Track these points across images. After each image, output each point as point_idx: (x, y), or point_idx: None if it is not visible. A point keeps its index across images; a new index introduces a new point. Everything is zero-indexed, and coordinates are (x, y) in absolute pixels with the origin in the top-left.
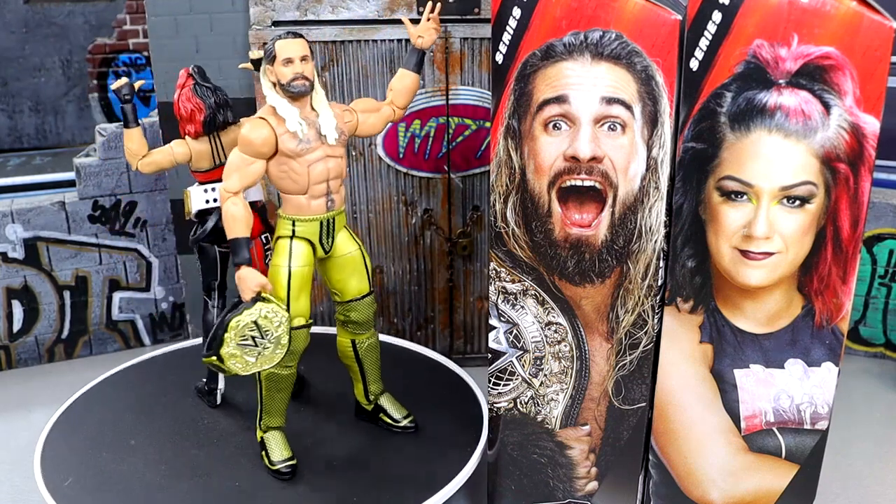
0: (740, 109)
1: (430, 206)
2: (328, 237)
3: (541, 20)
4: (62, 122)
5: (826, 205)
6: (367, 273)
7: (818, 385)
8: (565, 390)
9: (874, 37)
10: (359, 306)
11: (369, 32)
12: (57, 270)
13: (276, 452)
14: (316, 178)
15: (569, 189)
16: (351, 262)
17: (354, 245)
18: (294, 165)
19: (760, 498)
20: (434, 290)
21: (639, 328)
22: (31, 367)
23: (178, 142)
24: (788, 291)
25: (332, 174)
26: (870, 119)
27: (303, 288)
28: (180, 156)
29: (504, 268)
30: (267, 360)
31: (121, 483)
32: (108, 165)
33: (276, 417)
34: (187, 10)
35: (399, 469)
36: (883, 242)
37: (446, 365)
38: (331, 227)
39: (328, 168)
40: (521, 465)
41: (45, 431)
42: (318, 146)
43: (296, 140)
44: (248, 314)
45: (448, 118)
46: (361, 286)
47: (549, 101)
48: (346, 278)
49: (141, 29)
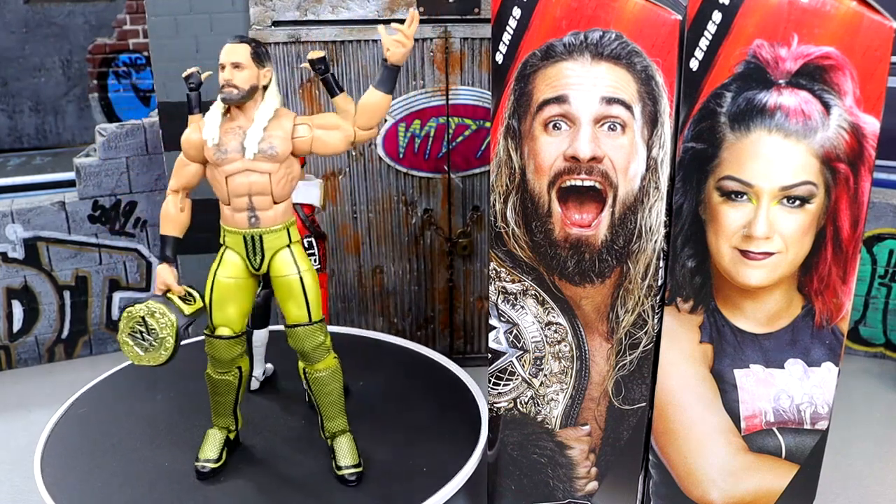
0: (740, 109)
1: (430, 206)
2: (255, 254)
3: (541, 20)
4: (62, 122)
5: (826, 205)
6: (308, 301)
7: (818, 385)
8: (565, 390)
9: (874, 37)
10: (293, 334)
11: (369, 32)
12: (57, 270)
13: (204, 448)
14: (235, 191)
15: (569, 189)
16: (287, 286)
17: (294, 269)
18: (216, 174)
19: (760, 498)
20: (434, 290)
21: (639, 328)
22: (31, 367)
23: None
24: (788, 291)
25: (255, 190)
26: (870, 119)
27: (229, 299)
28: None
29: (504, 268)
30: (153, 357)
31: (121, 483)
32: (108, 165)
33: (220, 417)
34: (187, 10)
35: (399, 469)
36: (883, 242)
37: (446, 365)
38: (255, 244)
39: (249, 182)
40: (521, 465)
41: (46, 431)
42: (237, 158)
43: (214, 148)
44: (139, 308)
45: (448, 118)
46: (299, 314)
47: (549, 101)
48: (283, 302)
49: (141, 29)
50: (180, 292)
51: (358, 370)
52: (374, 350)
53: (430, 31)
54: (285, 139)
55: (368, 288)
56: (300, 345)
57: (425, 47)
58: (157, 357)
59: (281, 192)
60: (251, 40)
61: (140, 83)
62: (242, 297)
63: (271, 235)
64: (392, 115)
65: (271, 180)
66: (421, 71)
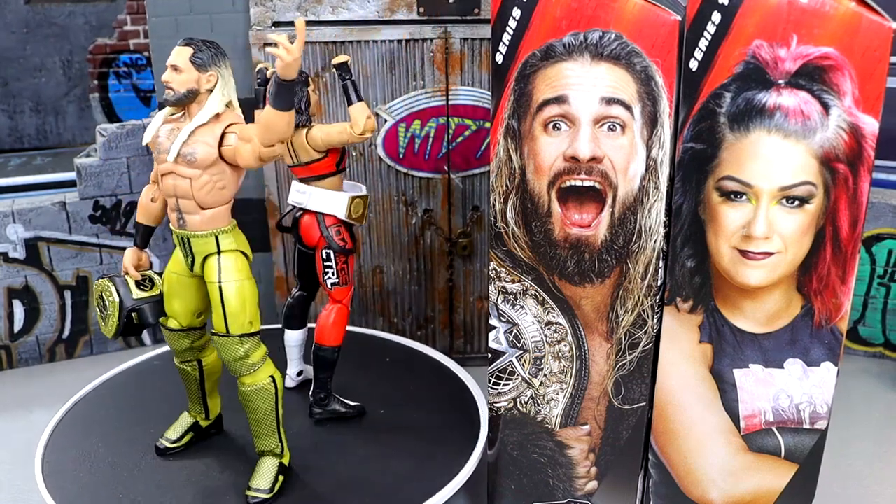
0: (740, 110)
1: (430, 206)
2: (187, 255)
3: (541, 20)
4: (63, 122)
5: (825, 205)
6: (225, 315)
7: (817, 385)
8: (565, 390)
9: (873, 37)
10: (214, 341)
11: (369, 33)
12: (58, 270)
13: (171, 428)
14: (165, 190)
15: (568, 189)
16: (211, 293)
17: (216, 278)
18: (157, 170)
19: (760, 497)
20: (434, 290)
21: (638, 328)
22: (31, 366)
23: None
24: (788, 291)
25: (179, 192)
26: (869, 119)
27: (174, 293)
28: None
29: (504, 268)
30: (105, 329)
31: (122, 483)
32: (108, 166)
33: (191, 403)
34: (188, 10)
35: (399, 469)
36: (882, 242)
37: (446, 364)
38: (186, 245)
39: (175, 184)
40: (520, 464)
41: (47, 432)
42: (165, 159)
43: (153, 146)
44: (98, 284)
45: (448, 118)
46: (219, 323)
47: (549, 101)
48: (211, 307)
49: (141, 29)
50: (136, 276)
51: (358, 369)
52: (373, 349)
53: (430, 32)
54: (210, 146)
55: (368, 288)
56: (219, 354)
57: (425, 47)
58: (107, 329)
59: (205, 198)
60: (198, 43)
61: (140, 83)
62: (186, 293)
63: (198, 240)
64: (392, 115)
65: (192, 186)
66: (421, 71)
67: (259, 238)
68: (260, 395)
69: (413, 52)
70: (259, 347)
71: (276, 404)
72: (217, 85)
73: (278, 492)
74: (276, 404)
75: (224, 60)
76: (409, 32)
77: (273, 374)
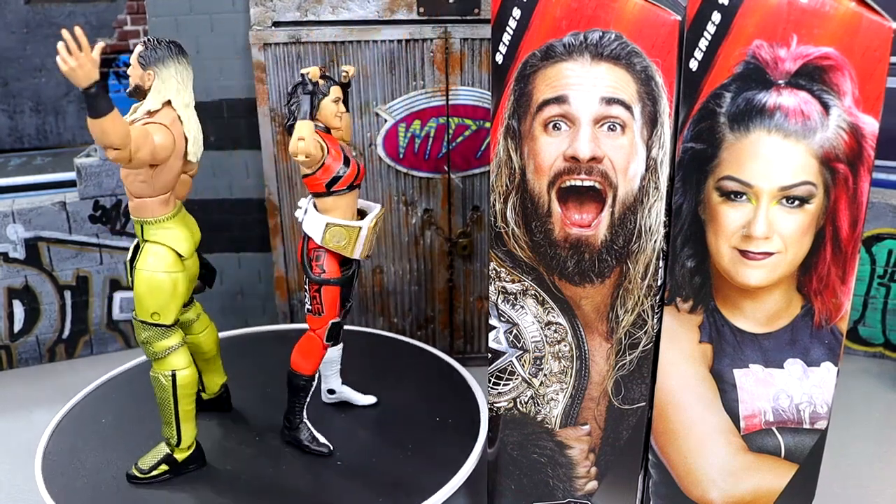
0: (740, 110)
1: (430, 206)
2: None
3: (541, 20)
4: (63, 122)
5: (825, 205)
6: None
7: (817, 385)
8: (565, 390)
9: (873, 37)
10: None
11: (369, 33)
12: (58, 270)
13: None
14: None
15: (568, 189)
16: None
17: (136, 263)
18: None
19: (760, 497)
20: (434, 290)
21: (638, 328)
22: (32, 366)
23: None
24: (788, 291)
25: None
26: (869, 119)
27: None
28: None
29: (504, 268)
30: None
31: (122, 483)
32: (108, 165)
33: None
34: (188, 10)
35: (399, 468)
36: (882, 242)
37: (447, 361)
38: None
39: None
40: (520, 464)
41: (47, 432)
42: None
43: None
44: None
45: (448, 118)
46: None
47: (549, 101)
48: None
49: (142, 30)
50: None
51: (358, 368)
52: (373, 347)
53: (430, 32)
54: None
55: (368, 288)
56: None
57: (425, 47)
58: None
59: (131, 187)
60: (149, 42)
61: None
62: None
63: (141, 228)
64: (392, 115)
65: (126, 176)
66: (421, 71)
67: (259, 238)
68: (156, 383)
69: (413, 52)
70: (161, 340)
71: (172, 398)
72: (154, 83)
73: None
74: (174, 399)
75: (172, 60)
76: (409, 32)
77: (176, 370)
